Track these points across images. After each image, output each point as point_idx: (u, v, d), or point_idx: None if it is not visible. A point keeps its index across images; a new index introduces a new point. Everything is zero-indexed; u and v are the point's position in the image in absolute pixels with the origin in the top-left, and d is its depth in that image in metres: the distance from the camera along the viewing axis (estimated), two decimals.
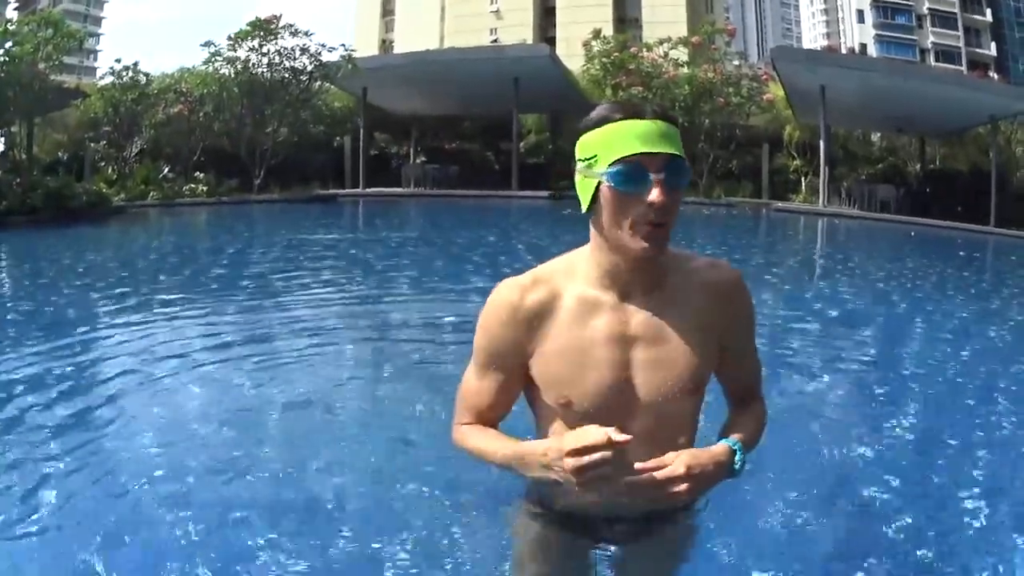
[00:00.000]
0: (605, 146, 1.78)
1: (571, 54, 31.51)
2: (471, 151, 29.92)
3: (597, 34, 28.56)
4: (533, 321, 1.91)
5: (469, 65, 26.96)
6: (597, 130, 1.80)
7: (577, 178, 1.86)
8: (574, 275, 1.94)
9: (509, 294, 1.93)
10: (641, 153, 1.73)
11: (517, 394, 2.04)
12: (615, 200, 1.78)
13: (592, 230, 1.90)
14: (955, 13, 74.38)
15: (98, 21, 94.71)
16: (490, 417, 2.03)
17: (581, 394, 1.89)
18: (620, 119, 1.77)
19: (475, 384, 2.03)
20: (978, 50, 73.55)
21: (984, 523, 3.30)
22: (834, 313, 8.62)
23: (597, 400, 1.88)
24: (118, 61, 23.87)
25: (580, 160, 1.84)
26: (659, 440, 1.88)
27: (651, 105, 1.83)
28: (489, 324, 1.97)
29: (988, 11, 74.12)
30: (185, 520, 3.10)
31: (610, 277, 1.89)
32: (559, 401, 1.91)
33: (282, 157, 25.14)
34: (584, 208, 1.87)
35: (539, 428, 2.06)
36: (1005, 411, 5.01)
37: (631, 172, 1.74)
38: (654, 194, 1.73)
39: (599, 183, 1.79)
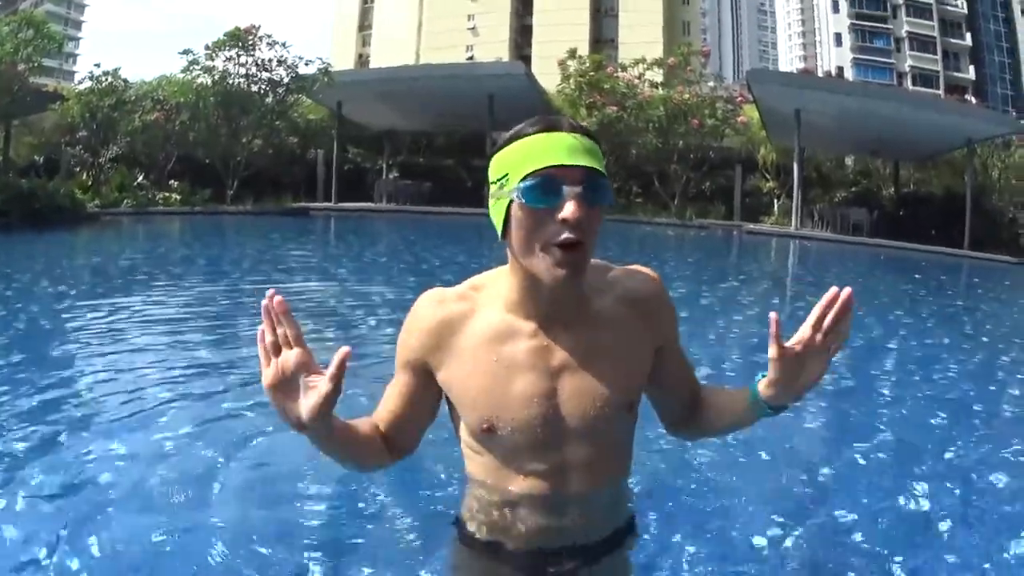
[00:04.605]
0: (517, 162, 1.62)
1: (546, 72, 31.60)
2: (444, 167, 29.88)
3: (573, 54, 28.76)
4: (442, 333, 1.79)
5: (444, 81, 27.02)
6: (509, 147, 1.66)
7: (490, 203, 1.71)
8: (495, 295, 1.81)
9: (426, 304, 1.82)
10: (555, 165, 1.58)
11: (420, 409, 1.88)
12: (526, 219, 1.62)
13: (509, 255, 1.74)
14: (934, 37, 75.19)
15: (78, 25, 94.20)
16: (387, 420, 1.88)
17: (505, 423, 1.75)
18: (534, 133, 1.63)
19: (388, 388, 1.91)
20: (957, 74, 74.36)
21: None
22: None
23: (521, 430, 1.75)
24: (97, 66, 23.74)
25: (492, 182, 1.68)
26: (597, 464, 1.81)
27: (568, 120, 1.67)
28: (404, 330, 1.85)
29: (968, 35, 74.98)
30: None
31: (530, 302, 1.75)
32: (482, 426, 1.77)
33: (255, 168, 25.16)
34: (499, 233, 1.71)
35: (469, 468, 1.93)
36: (977, 430, 5.07)
37: (544, 185, 1.58)
38: (568, 208, 1.57)
39: (511, 203, 1.64)
